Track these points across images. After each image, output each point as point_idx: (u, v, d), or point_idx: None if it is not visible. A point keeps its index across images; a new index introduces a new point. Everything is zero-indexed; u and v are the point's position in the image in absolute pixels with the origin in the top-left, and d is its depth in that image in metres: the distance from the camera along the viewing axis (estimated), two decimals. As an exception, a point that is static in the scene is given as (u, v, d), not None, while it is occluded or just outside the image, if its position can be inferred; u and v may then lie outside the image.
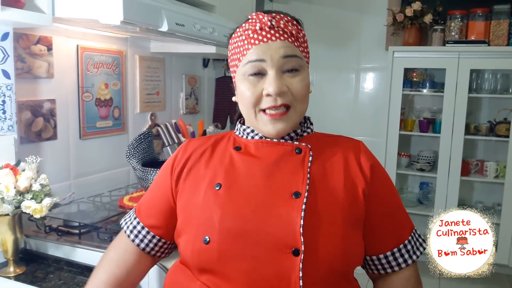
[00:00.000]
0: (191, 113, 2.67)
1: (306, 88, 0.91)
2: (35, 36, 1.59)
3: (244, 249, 0.83)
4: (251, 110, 0.90)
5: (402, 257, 0.95)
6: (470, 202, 3.41)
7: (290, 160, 0.90)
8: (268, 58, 0.87)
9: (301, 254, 0.81)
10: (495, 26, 3.04)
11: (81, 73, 1.81)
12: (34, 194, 1.27)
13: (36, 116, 1.61)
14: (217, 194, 0.89)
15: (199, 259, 0.87)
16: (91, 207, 1.72)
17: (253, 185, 0.88)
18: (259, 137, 0.94)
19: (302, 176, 0.88)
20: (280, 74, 0.88)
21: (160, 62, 2.33)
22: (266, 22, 0.89)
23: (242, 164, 0.92)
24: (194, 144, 1.01)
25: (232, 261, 0.83)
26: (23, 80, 1.55)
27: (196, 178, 0.94)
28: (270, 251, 0.82)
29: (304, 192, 0.86)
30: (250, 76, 0.89)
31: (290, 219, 0.83)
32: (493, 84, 3.15)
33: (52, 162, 1.70)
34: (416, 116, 3.43)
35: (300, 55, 0.91)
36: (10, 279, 1.26)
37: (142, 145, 1.83)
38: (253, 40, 0.89)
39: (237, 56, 0.93)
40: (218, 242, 0.84)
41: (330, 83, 3.59)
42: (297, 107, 0.90)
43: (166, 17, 1.47)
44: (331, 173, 0.91)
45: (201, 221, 0.88)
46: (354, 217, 0.89)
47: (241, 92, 0.91)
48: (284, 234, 0.82)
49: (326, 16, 3.52)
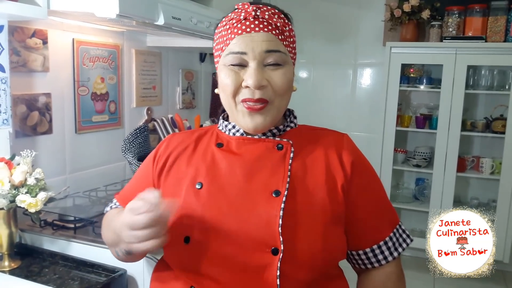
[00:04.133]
0: (188, 108, 2.66)
1: (288, 83, 0.90)
2: (30, 29, 1.58)
3: (224, 248, 0.83)
4: (231, 100, 0.89)
5: (382, 253, 0.95)
6: (466, 198, 3.42)
7: (271, 157, 0.90)
8: (250, 50, 0.86)
9: (280, 253, 0.81)
10: (492, 22, 3.04)
11: (77, 67, 1.79)
12: (29, 188, 1.26)
13: (31, 110, 1.60)
14: (198, 194, 0.89)
15: (180, 258, 0.87)
16: (86, 201, 1.71)
17: (234, 184, 0.88)
18: (240, 134, 0.93)
19: (282, 174, 0.88)
20: (262, 67, 0.87)
21: (156, 56, 2.32)
22: (251, 12, 0.88)
23: (224, 162, 0.91)
24: (177, 139, 1.00)
25: (212, 260, 0.84)
26: (18, 74, 1.54)
27: (178, 176, 0.94)
28: (249, 250, 0.82)
29: (284, 191, 0.85)
30: (231, 66, 0.88)
31: (270, 218, 0.83)
32: (490, 81, 3.15)
33: (47, 156, 1.69)
34: (412, 112, 3.43)
35: (283, 50, 0.89)
36: (5, 273, 1.25)
37: (138, 140, 1.83)
38: (236, 29, 0.88)
39: (220, 46, 0.92)
40: (198, 242, 0.85)
41: (327, 78, 3.58)
42: (276, 102, 0.89)
43: (162, 10, 1.46)
44: (311, 169, 0.90)
45: (182, 220, 0.88)
46: (334, 214, 0.88)
47: (221, 81, 0.90)
48: (263, 234, 0.82)
49: (323, 12, 3.51)
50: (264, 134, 0.93)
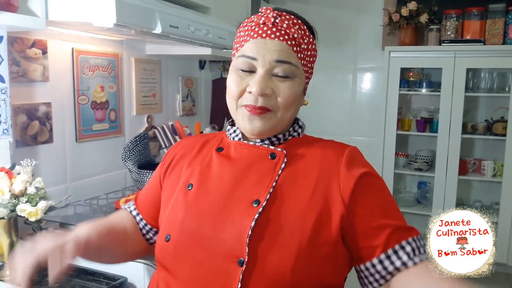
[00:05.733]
0: (188, 115, 2.67)
1: (293, 96, 0.88)
2: (29, 39, 1.59)
3: (197, 252, 0.83)
4: (234, 103, 0.90)
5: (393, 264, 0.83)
6: (468, 201, 3.41)
7: (261, 165, 0.88)
8: (261, 57, 0.85)
9: (244, 265, 0.78)
10: (490, 25, 3.04)
11: (76, 76, 1.81)
12: (29, 197, 1.27)
13: (31, 119, 1.62)
14: (186, 194, 0.89)
15: (160, 255, 0.89)
16: (87, 209, 1.72)
17: (220, 189, 0.87)
18: (238, 139, 0.93)
19: (267, 183, 0.85)
20: (269, 76, 0.86)
21: (156, 64, 2.33)
22: (270, 18, 0.87)
23: (217, 166, 0.91)
24: (186, 141, 1.03)
25: (184, 262, 0.84)
26: (18, 84, 1.56)
27: (177, 176, 0.96)
28: (219, 258, 0.80)
29: (263, 201, 0.82)
30: (240, 71, 0.88)
31: (242, 227, 0.80)
32: (490, 83, 3.16)
33: (48, 165, 1.70)
34: (413, 115, 3.43)
35: (295, 62, 0.87)
36: (6, 282, 1.26)
37: (138, 147, 1.84)
38: (253, 33, 0.88)
39: (236, 46, 0.92)
40: (176, 242, 0.85)
41: (327, 83, 3.59)
42: (279, 114, 0.87)
43: (159, 19, 1.47)
44: (301, 182, 0.85)
45: (168, 218, 0.90)
46: (318, 231, 0.81)
47: (228, 83, 0.91)
48: (233, 243, 0.80)
49: (323, 17, 3.52)
50: (262, 141, 0.91)
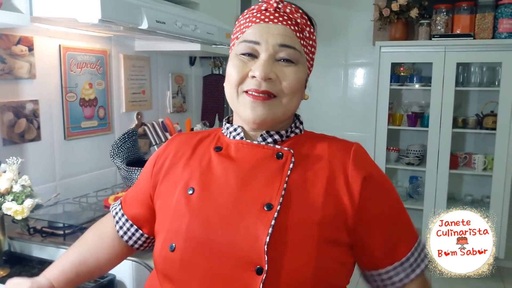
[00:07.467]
0: (179, 112, 2.66)
1: (298, 82, 0.85)
2: (15, 36, 1.57)
3: (208, 261, 0.78)
4: (234, 90, 0.85)
5: (397, 275, 0.85)
6: (460, 195, 3.43)
7: (268, 166, 0.83)
8: (264, 41, 0.83)
9: (264, 274, 0.74)
10: (480, 19, 3.06)
11: (64, 73, 1.79)
12: (15, 195, 1.26)
13: (18, 117, 1.60)
14: (188, 199, 0.84)
15: (163, 266, 0.84)
16: (76, 207, 1.70)
17: (226, 193, 0.82)
18: (240, 138, 0.88)
19: (278, 185, 0.81)
20: (273, 60, 0.83)
21: (145, 61, 2.32)
22: (273, 4, 0.85)
23: (219, 167, 0.86)
24: (179, 140, 0.97)
25: (194, 272, 0.79)
26: (4, 81, 1.54)
27: (173, 180, 0.90)
28: (233, 267, 0.77)
29: (276, 205, 0.79)
30: (241, 55, 0.85)
31: (257, 234, 0.76)
32: (480, 77, 3.17)
33: (36, 164, 1.68)
34: (404, 110, 3.44)
35: (299, 48, 0.85)
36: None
37: (127, 144, 1.82)
38: (255, 18, 0.85)
39: (236, 35, 0.89)
40: (182, 251, 0.80)
41: (319, 79, 3.59)
42: (283, 100, 0.84)
43: (146, 14, 1.46)
44: (312, 184, 0.82)
45: (171, 226, 0.84)
46: (333, 234, 0.80)
47: (228, 70, 0.86)
48: (249, 250, 0.76)
49: (313, 12, 3.47)
50: (265, 140, 0.87)
